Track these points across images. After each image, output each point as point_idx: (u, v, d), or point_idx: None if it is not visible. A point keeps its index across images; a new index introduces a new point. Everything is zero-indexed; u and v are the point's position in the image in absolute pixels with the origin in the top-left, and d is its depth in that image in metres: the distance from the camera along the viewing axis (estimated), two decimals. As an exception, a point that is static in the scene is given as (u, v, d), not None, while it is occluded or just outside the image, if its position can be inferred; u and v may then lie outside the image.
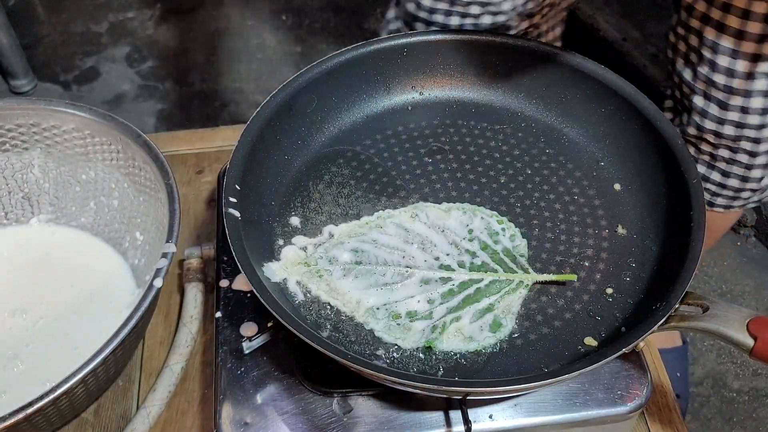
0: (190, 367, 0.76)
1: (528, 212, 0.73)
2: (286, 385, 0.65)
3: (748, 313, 0.56)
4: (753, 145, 0.87)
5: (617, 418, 0.64)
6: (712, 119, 0.87)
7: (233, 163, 0.68)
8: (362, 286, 0.67)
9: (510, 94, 0.82)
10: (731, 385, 1.31)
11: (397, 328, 0.64)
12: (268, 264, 0.67)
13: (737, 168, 0.91)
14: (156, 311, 0.80)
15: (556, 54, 0.78)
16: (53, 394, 0.58)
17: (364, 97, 0.81)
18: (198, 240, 0.87)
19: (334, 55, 0.78)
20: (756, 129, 0.85)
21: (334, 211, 0.73)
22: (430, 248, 0.70)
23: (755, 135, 0.86)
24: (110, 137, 0.77)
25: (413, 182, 0.76)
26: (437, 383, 0.57)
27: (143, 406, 0.72)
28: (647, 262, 0.68)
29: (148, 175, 0.75)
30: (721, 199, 0.96)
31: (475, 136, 0.80)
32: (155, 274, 0.65)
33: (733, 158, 0.90)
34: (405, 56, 0.81)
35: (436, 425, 0.63)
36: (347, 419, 0.63)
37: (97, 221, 0.81)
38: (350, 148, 0.79)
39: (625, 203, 0.73)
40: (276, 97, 0.74)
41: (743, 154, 0.89)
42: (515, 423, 0.63)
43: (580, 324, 0.64)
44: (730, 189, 0.94)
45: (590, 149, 0.78)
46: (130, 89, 1.89)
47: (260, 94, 1.83)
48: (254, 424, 0.63)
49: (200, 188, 0.93)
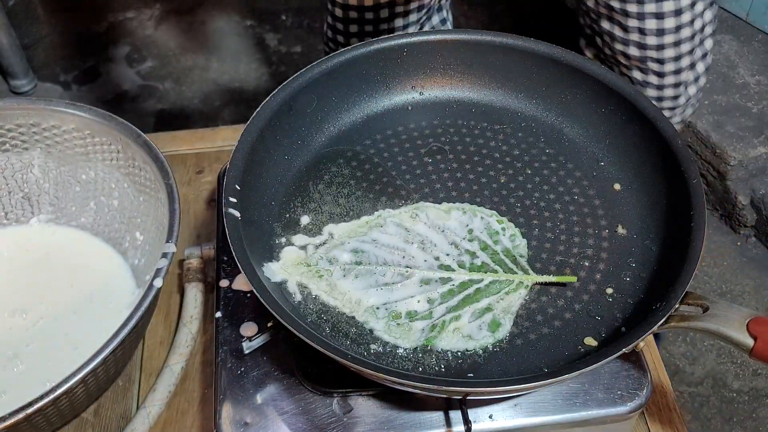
0: (190, 367, 0.76)
1: (528, 212, 0.73)
2: (286, 385, 0.65)
3: (748, 313, 0.56)
4: (658, 65, 0.94)
5: (617, 418, 0.64)
6: (618, 41, 0.94)
7: (233, 163, 0.68)
8: (362, 285, 0.67)
9: (510, 94, 0.82)
10: (731, 385, 1.31)
11: (397, 327, 0.64)
12: (268, 264, 0.67)
13: (651, 90, 0.97)
14: (156, 311, 0.80)
15: (556, 54, 0.78)
16: (53, 394, 0.58)
17: (364, 97, 0.81)
18: (198, 240, 0.87)
19: (334, 55, 0.78)
20: (656, 50, 0.92)
21: (334, 211, 0.73)
22: (430, 248, 0.70)
23: (657, 56, 0.93)
24: (110, 137, 0.77)
25: (413, 182, 0.76)
26: (437, 383, 0.57)
27: (143, 406, 0.72)
28: (647, 262, 0.68)
29: (148, 175, 0.75)
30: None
31: (475, 136, 0.80)
32: (155, 274, 0.65)
33: (645, 80, 0.97)
34: (405, 56, 0.81)
35: (436, 425, 0.63)
36: (347, 419, 0.63)
37: (97, 221, 0.82)
38: (350, 148, 0.79)
39: (625, 203, 0.73)
40: (276, 97, 0.74)
41: (653, 75, 0.95)
42: (515, 423, 0.63)
43: (580, 324, 0.64)
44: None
45: (590, 149, 0.78)
46: (130, 89, 1.89)
47: (260, 94, 1.83)
48: (254, 424, 0.63)
49: (200, 188, 0.93)
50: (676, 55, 0.93)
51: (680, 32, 0.91)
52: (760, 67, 1.57)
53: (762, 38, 1.63)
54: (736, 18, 1.67)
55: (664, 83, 0.97)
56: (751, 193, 1.45)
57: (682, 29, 0.91)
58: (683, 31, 0.91)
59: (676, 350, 1.36)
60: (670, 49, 0.93)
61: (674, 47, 0.93)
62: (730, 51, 1.60)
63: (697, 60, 0.97)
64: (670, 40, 0.92)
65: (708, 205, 1.53)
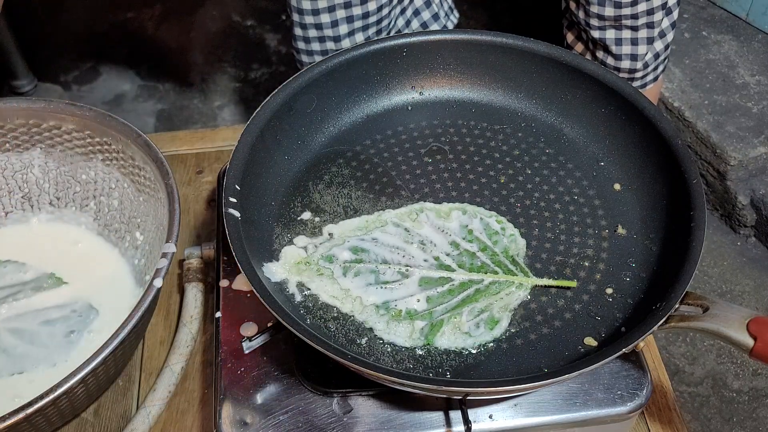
0: (190, 367, 0.76)
1: (528, 212, 0.73)
2: (286, 385, 0.65)
3: (748, 313, 0.56)
4: (632, 21, 0.97)
5: (617, 418, 0.64)
6: (594, 3, 0.97)
7: (233, 163, 0.68)
8: (362, 284, 0.67)
9: (510, 94, 0.82)
10: (731, 385, 1.31)
11: (397, 326, 0.64)
12: (268, 264, 0.67)
13: (626, 46, 1.01)
14: (156, 311, 0.80)
15: (556, 54, 0.78)
16: (53, 394, 0.58)
17: (364, 97, 0.81)
18: (198, 240, 0.87)
19: (334, 55, 0.78)
20: (630, 6, 0.96)
21: (334, 211, 0.73)
22: (430, 248, 0.70)
23: (631, 12, 0.96)
24: (110, 137, 0.77)
25: (413, 182, 0.76)
26: (437, 383, 0.57)
27: (143, 406, 0.72)
28: (647, 262, 0.68)
29: (148, 175, 0.75)
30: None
31: (475, 136, 0.80)
32: (155, 274, 0.65)
33: (620, 37, 1.00)
34: (405, 56, 0.81)
35: (436, 425, 0.63)
36: (347, 419, 0.63)
37: (97, 221, 0.82)
38: (350, 148, 0.79)
39: (625, 203, 0.73)
40: (276, 97, 0.74)
41: (627, 30, 0.99)
42: (515, 423, 0.63)
43: (580, 324, 0.64)
44: (624, 71, 1.04)
45: (590, 149, 0.78)
46: (130, 89, 1.89)
47: (260, 94, 1.83)
48: (254, 424, 0.63)
49: (200, 188, 0.93)
50: (648, 9, 0.97)
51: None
52: (760, 67, 1.57)
53: (762, 38, 1.63)
54: (736, 18, 1.67)
55: (638, 36, 1.00)
56: (751, 193, 1.45)
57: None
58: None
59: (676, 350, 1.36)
60: (643, 3, 0.96)
61: (646, 0, 0.96)
62: (730, 51, 1.60)
63: (665, 15, 1.01)
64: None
65: (708, 205, 1.53)
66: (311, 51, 1.07)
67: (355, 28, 1.04)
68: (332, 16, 1.02)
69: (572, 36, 1.08)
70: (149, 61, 1.95)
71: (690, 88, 1.53)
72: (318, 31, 1.03)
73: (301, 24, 1.03)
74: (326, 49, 1.05)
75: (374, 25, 1.05)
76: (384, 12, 1.05)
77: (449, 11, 1.18)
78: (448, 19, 1.17)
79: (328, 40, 1.04)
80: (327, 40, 1.04)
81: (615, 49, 1.02)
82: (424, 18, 1.14)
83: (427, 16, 1.14)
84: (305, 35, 1.04)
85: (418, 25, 1.15)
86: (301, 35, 1.05)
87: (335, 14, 1.01)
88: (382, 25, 1.06)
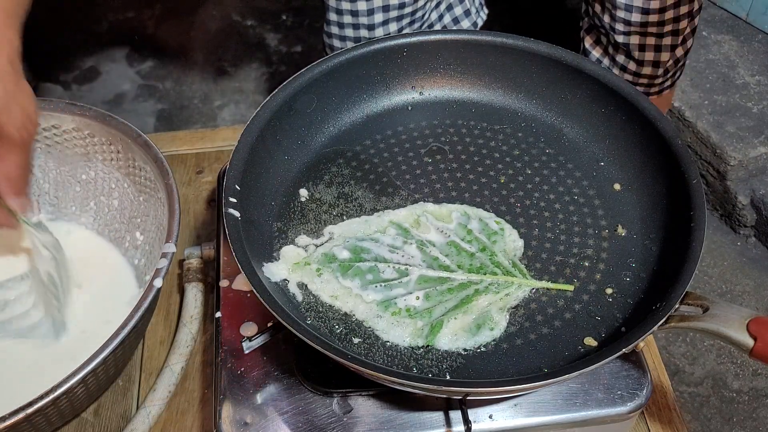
0: (190, 367, 0.76)
1: (528, 212, 0.73)
2: (286, 385, 0.66)
3: (748, 313, 0.56)
4: (658, 28, 0.97)
5: (617, 418, 0.64)
6: (621, 7, 0.98)
7: (233, 163, 0.68)
8: (362, 283, 0.67)
9: (510, 94, 0.82)
10: (731, 385, 1.31)
11: (397, 326, 0.64)
12: (268, 264, 0.67)
13: (649, 53, 1.01)
14: (156, 311, 0.80)
15: (556, 54, 0.78)
16: (53, 394, 0.58)
17: (364, 97, 0.81)
18: (198, 240, 0.87)
19: (334, 55, 0.78)
20: (658, 13, 0.96)
21: (334, 211, 0.73)
22: (430, 248, 0.70)
23: (658, 19, 0.97)
24: (110, 137, 0.77)
25: (413, 182, 0.76)
26: (437, 383, 0.57)
27: (143, 406, 0.72)
28: (647, 262, 0.68)
29: (148, 175, 0.75)
30: (640, 88, 1.07)
31: (475, 136, 0.80)
32: (155, 274, 0.65)
33: (644, 43, 1.01)
34: (405, 56, 0.81)
35: (436, 425, 0.63)
36: (347, 419, 0.63)
37: (97, 221, 0.82)
38: (350, 148, 0.79)
39: (625, 203, 0.73)
40: (276, 97, 0.74)
41: (651, 37, 1.00)
42: (515, 423, 0.63)
43: (580, 324, 0.64)
44: (645, 76, 1.04)
45: (590, 149, 0.78)
46: (130, 89, 1.89)
47: (260, 94, 1.83)
48: (254, 424, 0.63)
49: (200, 188, 0.93)
50: (675, 16, 0.97)
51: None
52: (760, 67, 1.57)
53: (762, 38, 1.63)
54: (736, 18, 1.67)
55: (662, 44, 1.00)
56: (751, 193, 1.45)
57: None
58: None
59: (676, 350, 1.36)
60: (670, 11, 0.96)
61: (674, 8, 0.96)
62: (730, 51, 1.60)
63: (689, 22, 1.01)
64: (671, 1, 0.95)
65: (708, 205, 1.53)
66: (344, 37, 1.06)
67: (390, 17, 1.03)
68: (369, 4, 1.01)
69: (591, 40, 1.08)
70: (149, 61, 1.95)
71: (690, 88, 1.53)
72: (353, 18, 1.03)
73: (336, 9, 1.02)
74: (359, 36, 1.05)
75: (408, 16, 1.04)
76: (420, 3, 1.04)
77: (480, 7, 1.17)
78: (478, 16, 1.16)
79: (362, 28, 1.04)
80: (361, 27, 1.04)
81: (638, 54, 1.01)
82: (456, 13, 1.13)
83: (460, 11, 1.13)
84: (340, 21, 1.04)
85: (450, 20, 1.14)
86: (335, 20, 1.04)
87: (372, 2, 1.01)
88: (416, 16, 1.05)
